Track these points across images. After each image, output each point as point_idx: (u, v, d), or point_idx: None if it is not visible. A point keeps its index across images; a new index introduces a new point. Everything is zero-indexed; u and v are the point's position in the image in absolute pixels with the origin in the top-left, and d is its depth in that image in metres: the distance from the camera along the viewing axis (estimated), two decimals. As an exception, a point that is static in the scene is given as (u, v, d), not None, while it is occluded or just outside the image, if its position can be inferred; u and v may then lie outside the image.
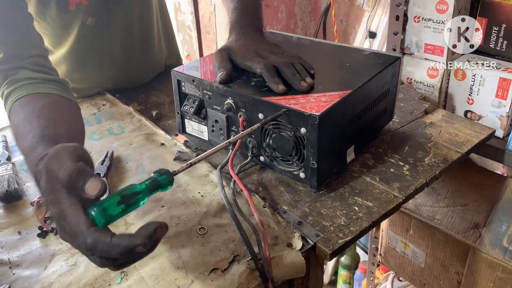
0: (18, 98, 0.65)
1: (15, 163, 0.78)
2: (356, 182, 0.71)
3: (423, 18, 1.00)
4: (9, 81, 0.68)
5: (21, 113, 0.63)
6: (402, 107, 0.93)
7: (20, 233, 0.64)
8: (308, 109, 0.63)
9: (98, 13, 0.91)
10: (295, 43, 0.90)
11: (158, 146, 0.83)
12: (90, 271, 0.57)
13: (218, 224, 0.63)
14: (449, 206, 1.06)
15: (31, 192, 0.72)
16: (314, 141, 0.64)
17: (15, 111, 0.64)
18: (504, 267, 0.95)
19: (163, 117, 0.93)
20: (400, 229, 1.15)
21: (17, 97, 0.66)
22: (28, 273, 0.57)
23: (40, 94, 0.66)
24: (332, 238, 0.60)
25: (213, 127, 0.77)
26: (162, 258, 0.58)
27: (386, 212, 0.65)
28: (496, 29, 0.95)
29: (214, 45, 1.70)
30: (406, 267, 1.21)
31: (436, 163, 0.75)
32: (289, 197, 0.68)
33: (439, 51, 1.00)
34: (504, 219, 1.00)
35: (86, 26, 0.90)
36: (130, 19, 0.97)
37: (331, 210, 0.65)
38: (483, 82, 0.94)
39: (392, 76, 0.79)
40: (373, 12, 1.47)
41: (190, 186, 0.71)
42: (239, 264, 0.57)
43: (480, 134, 0.84)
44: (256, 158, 0.74)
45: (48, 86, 0.69)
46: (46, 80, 0.70)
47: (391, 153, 0.78)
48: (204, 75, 0.75)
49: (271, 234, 0.61)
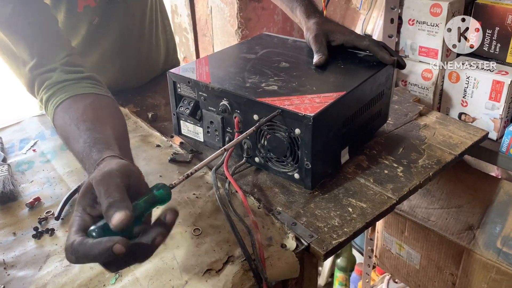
0: (59, 103, 0.67)
1: (11, 165, 0.78)
2: (350, 183, 0.71)
3: (418, 21, 1.01)
4: (46, 85, 0.69)
5: (66, 117, 0.64)
6: (397, 109, 0.94)
7: (15, 234, 0.64)
8: (303, 110, 0.63)
9: (103, 12, 0.91)
10: (291, 45, 0.90)
11: (154, 147, 0.83)
12: (84, 272, 0.57)
13: (213, 225, 0.64)
14: (444, 207, 1.06)
15: (26, 193, 0.72)
16: (308, 142, 0.64)
17: (59, 116, 0.66)
18: (498, 268, 0.95)
19: (159, 118, 0.94)
20: (395, 230, 1.15)
21: (57, 102, 0.67)
22: (23, 274, 0.57)
23: (79, 96, 0.68)
24: (326, 239, 0.60)
25: (208, 128, 0.78)
26: (156, 259, 0.58)
27: (380, 213, 0.65)
28: (489, 32, 0.96)
29: (210, 47, 1.71)
30: (401, 269, 1.22)
31: (430, 165, 0.76)
32: (284, 198, 0.69)
33: (434, 54, 1.01)
34: (498, 221, 1.01)
35: (92, 26, 0.91)
36: (130, 19, 0.97)
37: (325, 211, 0.65)
38: (477, 84, 0.95)
39: (387, 78, 0.80)
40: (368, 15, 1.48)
41: (185, 187, 0.72)
42: (233, 265, 0.57)
43: (474, 136, 0.84)
44: (251, 159, 0.75)
45: (84, 85, 0.70)
46: (80, 79, 0.71)
47: (385, 155, 0.78)
48: (200, 77, 0.75)
49: (265, 235, 0.61)
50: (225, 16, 1.54)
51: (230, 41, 1.57)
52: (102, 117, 0.65)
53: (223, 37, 1.61)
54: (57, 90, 0.68)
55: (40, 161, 0.80)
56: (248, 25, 1.52)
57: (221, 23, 1.59)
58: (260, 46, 0.89)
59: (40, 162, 0.80)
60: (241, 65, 0.80)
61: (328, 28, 0.82)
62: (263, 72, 0.76)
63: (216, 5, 1.57)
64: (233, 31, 1.54)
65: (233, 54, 0.88)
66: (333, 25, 0.83)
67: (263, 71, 0.77)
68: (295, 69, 0.78)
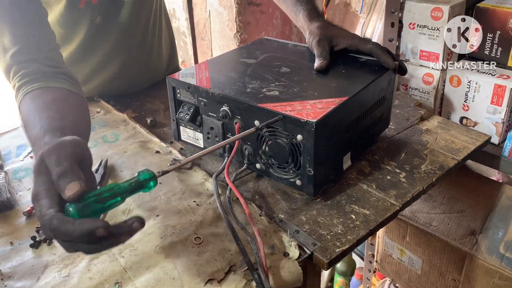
0: (29, 91, 0.67)
1: (8, 172, 0.77)
2: (353, 189, 0.70)
3: (418, 25, 1.00)
4: (22, 74, 0.69)
5: (31, 105, 0.65)
6: (398, 114, 0.93)
7: (12, 243, 0.63)
8: (305, 116, 0.62)
9: (106, 11, 0.91)
10: (291, 49, 0.89)
11: (153, 153, 0.82)
12: (83, 282, 0.55)
13: (214, 234, 0.62)
14: (446, 212, 1.06)
15: (23, 201, 0.71)
16: (310, 148, 0.63)
17: (26, 103, 0.66)
18: (501, 273, 0.94)
19: (158, 124, 0.93)
20: (397, 235, 1.15)
21: (28, 90, 0.67)
22: (20, 285, 0.56)
23: (51, 88, 0.68)
24: (329, 247, 0.59)
25: (208, 134, 0.77)
26: (157, 269, 0.57)
27: (383, 220, 0.64)
28: (490, 36, 0.96)
29: (209, 51, 1.70)
30: (402, 274, 1.21)
31: (433, 170, 0.75)
32: (286, 205, 0.68)
33: (435, 58, 1.00)
34: (500, 226, 1.00)
35: (94, 24, 0.91)
36: (134, 22, 0.97)
37: (328, 218, 0.64)
38: (479, 88, 0.94)
39: (388, 83, 0.79)
40: (368, 18, 1.47)
41: (185, 195, 0.71)
42: (235, 275, 0.56)
43: (476, 140, 0.84)
44: (252, 165, 0.74)
45: (59, 80, 0.70)
46: (57, 73, 0.71)
47: (388, 160, 0.78)
48: (200, 82, 0.74)
49: (268, 243, 0.60)
50: (224, 20, 1.54)
51: (229, 45, 1.56)
52: (67, 111, 0.65)
53: (221, 41, 1.60)
54: (31, 79, 0.69)
55: (38, 168, 0.79)
56: (247, 29, 1.52)
57: (219, 27, 1.58)
58: (260, 51, 0.88)
59: (38, 169, 0.79)
60: (241, 70, 0.79)
61: (331, 33, 0.81)
62: (264, 77, 0.75)
63: (214, 9, 1.57)
64: (232, 35, 1.53)
65: (233, 59, 0.87)
66: (336, 29, 0.82)
67: (264, 76, 0.76)
68: (296, 74, 0.77)
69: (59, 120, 0.60)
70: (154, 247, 0.60)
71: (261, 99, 0.68)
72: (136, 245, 0.61)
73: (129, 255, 0.59)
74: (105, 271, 0.57)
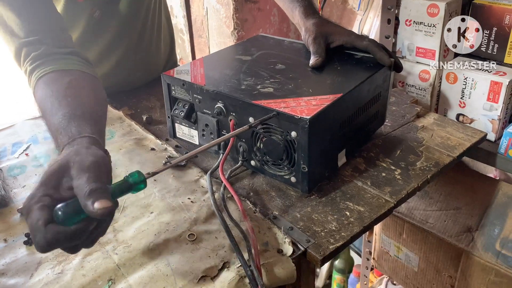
0: (42, 75, 0.67)
1: (3, 169, 0.77)
2: (348, 186, 0.70)
3: (415, 22, 1.00)
4: (32, 57, 0.69)
5: (47, 90, 0.64)
6: (394, 111, 0.93)
7: (6, 240, 0.63)
8: (299, 113, 0.62)
9: (104, 5, 0.91)
10: (287, 46, 0.89)
11: (148, 151, 0.82)
12: (77, 279, 0.55)
13: (208, 231, 0.62)
14: (442, 209, 1.06)
15: (18, 198, 0.71)
16: (304, 145, 0.63)
17: (40, 88, 0.66)
18: (497, 270, 0.95)
19: (154, 121, 0.92)
20: (393, 233, 1.15)
21: (41, 73, 0.67)
22: (14, 282, 0.56)
23: (64, 71, 0.68)
24: (323, 243, 0.59)
25: (203, 131, 0.77)
26: (150, 266, 0.57)
27: (378, 217, 0.64)
28: (487, 33, 0.95)
29: (206, 48, 1.70)
30: (399, 271, 1.21)
31: (428, 167, 0.75)
32: (280, 202, 0.68)
33: (431, 55, 1.00)
34: (496, 223, 1.00)
35: (93, 19, 0.91)
36: (132, 17, 0.96)
37: (322, 215, 0.64)
38: (475, 85, 0.94)
39: (384, 80, 0.79)
40: (365, 15, 1.47)
41: (179, 192, 0.70)
42: (228, 271, 0.56)
43: (472, 137, 0.83)
44: (247, 162, 0.73)
45: (70, 61, 0.70)
46: (68, 54, 0.71)
47: (383, 157, 0.78)
48: (194, 79, 0.74)
49: (262, 240, 0.60)
50: (221, 17, 1.53)
51: (226, 42, 1.56)
52: (84, 95, 0.65)
53: (219, 38, 1.60)
54: (42, 62, 0.68)
55: (33, 166, 0.79)
56: (244, 26, 1.52)
57: (217, 24, 1.58)
58: (256, 48, 0.88)
59: (33, 166, 0.79)
60: (236, 67, 0.79)
61: (327, 30, 0.81)
62: (259, 74, 0.75)
63: (211, 6, 1.56)
64: (229, 32, 1.53)
65: (229, 56, 0.87)
66: (332, 26, 0.82)
67: (259, 73, 0.76)
68: (291, 71, 0.77)
69: (79, 107, 0.60)
70: (148, 244, 0.60)
71: (255, 96, 0.68)
72: (129, 242, 0.61)
73: (123, 252, 0.59)
74: (98, 268, 0.57)
